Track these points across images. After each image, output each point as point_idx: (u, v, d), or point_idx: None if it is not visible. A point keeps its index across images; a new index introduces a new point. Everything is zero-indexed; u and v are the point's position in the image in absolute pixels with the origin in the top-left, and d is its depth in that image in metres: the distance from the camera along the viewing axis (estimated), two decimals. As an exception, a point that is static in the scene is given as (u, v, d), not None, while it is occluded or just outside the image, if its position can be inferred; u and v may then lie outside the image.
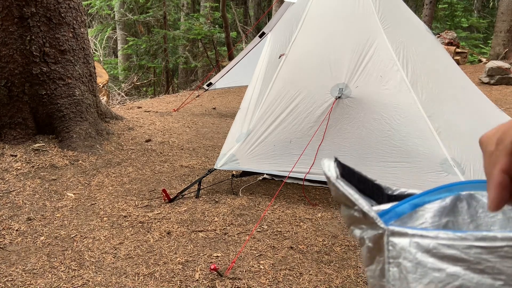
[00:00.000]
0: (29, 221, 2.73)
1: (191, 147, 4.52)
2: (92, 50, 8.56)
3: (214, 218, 2.83)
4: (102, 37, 13.65)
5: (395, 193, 0.50)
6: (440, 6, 15.91)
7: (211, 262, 2.29)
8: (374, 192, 0.49)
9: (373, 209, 0.43)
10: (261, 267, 2.26)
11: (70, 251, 2.40)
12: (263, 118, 3.25)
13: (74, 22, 4.19)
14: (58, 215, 2.84)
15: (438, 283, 0.38)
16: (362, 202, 0.43)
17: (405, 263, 0.41)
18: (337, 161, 0.46)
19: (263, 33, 5.38)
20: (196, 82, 12.79)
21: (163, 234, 2.60)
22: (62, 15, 4.04)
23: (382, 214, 0.45)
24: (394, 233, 0.42)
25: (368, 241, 0.44)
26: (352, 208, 0.44)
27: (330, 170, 0.45)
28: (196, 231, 2.65)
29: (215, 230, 2.67)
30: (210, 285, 2.09)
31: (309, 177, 3.13)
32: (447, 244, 0.38)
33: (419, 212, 0.49)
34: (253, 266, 2.26)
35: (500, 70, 8.42)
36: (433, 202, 0.49)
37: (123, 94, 10.25)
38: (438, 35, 11.36)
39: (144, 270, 2.22)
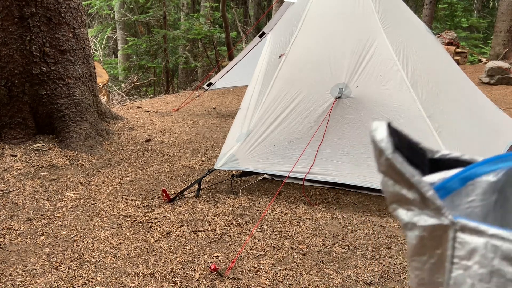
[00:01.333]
0: (29, 221, 2.73)
1: (191, 147, 4.52)
2: (92, 50, 8.56)
3: (214, 218, 2.83)
4: (102, 37, 13.65)
5: (436, 156, 0.42)
6: (440, 6, 15.91)
7: (211, 262, 2.29)
8: (419, 159, 0.42)
9: (437, 196, 0.36)
10: (261, 267, 2.26)
11: (70, 251, 2.40)
12: (263, 118, 3.25)
13: (74, 22, 4.19)
14: (58, 215, 2.84)
15: None
16: (426, 185, 0.36)
17: (476, 268, 0.34)
18: (390, 127, 0.38)
19: (263, 33, 5.38)
20: (196, 82, 12.79)
21: (163, 234, 2.60)
22: (62, 15, 4.04)
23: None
24: (464, 229, 0.35)
25: (423, 230, 0.38)
26: (407, 187, 0.37)
27: (383, 140, 0.38)
28: (196, 231, 2.65)
29: (215, 230, 2.67)
30: (210, 285, 2.09)
31: (309, 177, 3.13)
32: None
33: (469, 187, 0.42)
34: (253, 266, 2.26)
35: (500, 70, 8.42)
36: (485, 175, 0.42)
37: (123, 94, 10.25)
38: (438, 35, 11.36)
39: (144, 270, 2.22)
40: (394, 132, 0.39)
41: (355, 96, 3.13)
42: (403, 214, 0.39)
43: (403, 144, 0.39)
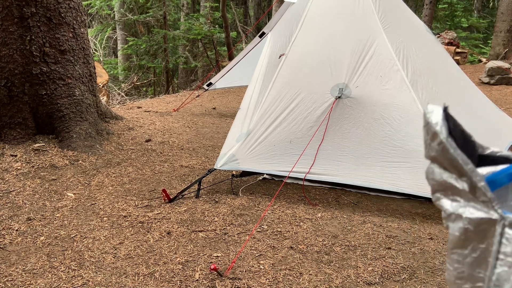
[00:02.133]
0: (29, 221, 2.73)
1: (191, 147, 4.52)
2: (92, 50, 8.56)
3: (214, 218, 2.83)
4: (102, 37, 13.65)
5: (486, 152, 0.41)
6: (440, 6, 15.91)
7: (211, 262, 2.29)
8: (470, 150, 0.41)
9: (489, 188, 0.35)
10: (261, 267, 2.26)
11: (70, 251, 2.40)
12: (263, 118, 3.25)
13: (74, 22, 4.19)
14: (58, 215, 2.84)
15: None
16: (478, 175, 0.35)
17: None
18: (446, 112, 0.37)
19: (263, 33, 5.38)
20: (196, 82, 12.79)
21: (163, 234, 2.60)
22: (62, 15, 4.04)
23: None
24: None
25: (468, 223, 0.36)
26: (457, 175, 0.36)
27: (438, 123, 0.37)
28: (196, 231, 2.65)
29: (215, 230, 2.67)
30: (210, 285, 2.09)
31: (309, 177, 3.13)
32: None
33: None
34: (253, 266, 2.26)
35: (500, 70, 8.42)
36: None
37: (123, 94, 10.25)
38: (438, 35, 11.36)
39: (144, 270, 2.22)
40: (449, 118, 0.37)
41: (355, 96, 3.13)
42: (448, 204, 0.37)
43: (457, 132, 0.38)
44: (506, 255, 0.34)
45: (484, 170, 0.40)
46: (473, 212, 0.36)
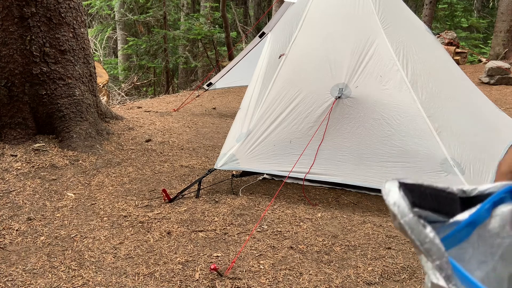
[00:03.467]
0: (29, 221, 2.73)
1: (191, 147, 4.53)
2: (92, 50, 8.57)
3: (214, 218, 2.83)
4: (102, 37, 13.65)
5: (472, 194, 0.41)
6: (440, 6, 15.91)
7: (211, 262, 2.29)
8: (447, 204, 0.40)
9: (446, 265, 0.36)
10: (261, 267, 2.26)
11: (70, 251, 2.40)
12: (263, 118, 3.25)
13: (74, 22, 4.19)
14: (58, 215, 2.84)
15: None
16: (435, 253, 0.36)
17: None
18: (402, 185, 0.37)
19: (263, 33, 5.38)
20: (196, 82, 12.80)
21: (163, 234, 2.60)
22: (62, 15, 4.04)
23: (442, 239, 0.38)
24: None
25: (431, 286, 0.38)
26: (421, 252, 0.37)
27: (395, 203, 0.36)
28: (196, 231, 2.65)
29: (215, 230, 2.67)
30: (210, 285, 2.09)
31: (309, 177, 3.13)
32: None
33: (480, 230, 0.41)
34: (253, 266, 2.26)
35: (500, 70, 8.42)
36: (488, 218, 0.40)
37: (123, 94, 10.25)
38: (438, 35, 11.36)
39: (144, 270, 2.22)
40: (411, 188, 0.37)
41: (355, 96, 3.13)
42: (423, 261, 0.38)
43: (424, 196, 0.38)
44: None
45: (467, 213, 0.40)
46: (435, 277, 0.37)
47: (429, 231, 0.36)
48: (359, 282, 2.15)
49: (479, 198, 0.41)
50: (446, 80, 3.56)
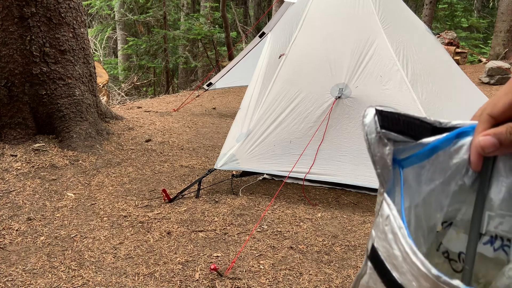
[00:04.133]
0: (29, 221, 2.73)
1: (191, 147, 4.52)
2: (92, 50, 8.57)
3: (214, 218, 2.83)
4: (102, 37, 13.65)
5: (448, 125, 0.45)
6: (440, 6, 15.92)
7: (211, 262, 2.29)
8: (417, 130, 0.44)
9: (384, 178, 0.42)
10: (261, 267, 2.26)
11: (70, 251, 2.40)
12: (263, 118, 3.25)
13: (74, 22, 4.19)
14: (58, 215, 2.84)
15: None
16: (379, 168, 0.42)
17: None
18: (377, 111, 0.42)
19: (263, 33, 5.38)
20: (196, 82, 12.79)
21: (163, 234, 2.60)
22: (62, 15, 4.04)
23: (400, 161, 0.43)
24: None
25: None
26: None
27: (367, 124, 0.41)
28: (196, 231, 2.65)
29: (215, 230, 2.67)
30: (210, 285, 2.09)
31: (309, 177, 3.13)
32: None
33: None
34: (253, 266, 2.26)
35: (500, 70, 8.43)
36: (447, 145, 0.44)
37: (123, 94, 10.25)
38: (438, 35, 11.36)
39: (144, 270, 2.22)
40: (386, 114, 0.42)
41: (355, 96, 3.13)
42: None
43: (397, 121, 0.43)
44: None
45: (433, 138, 0.43)
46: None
47: (386, 148, 0.42)
48: (359, 282, 2.15)
49: (450, 129, 0.44)
50: (446, 80, 3.56)
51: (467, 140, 0.43)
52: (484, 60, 11.23)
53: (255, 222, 2.78)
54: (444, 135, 0.43)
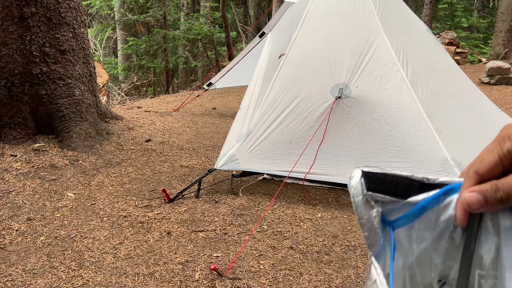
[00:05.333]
0: (29, 221, 2.73)
1: (191, 147, 4.52)
2: (92, 50, 8.56)
3: (214, 218, 2.83)
4: (102, 37, 13.65)
5: (436, 182, 0.45)
6: (440, 6, 15.92)
7: (211, 262, 2.28)
8: (404, 189, 0.45)
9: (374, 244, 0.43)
10: (261, 267, 2.26)
11: (70, 251, 2.40)
12: (263, 118, 3.25)
13: (74, 22, 4.19)
14: (58, 215, 2.84)
15: None
16: (367, 230, 0.43)
17: None
18: (364, 173, 0.43)
19: (263, 33, 5.37)
20: (196, 82, 12.79)
21: (163, 234, 2.60)
22: (62, 15, 4.04)
23: (390, 222, 0.44)
24: None
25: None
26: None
27: (353, 187, 0.42)
28: (196, 231, 2.65)
29: (215, 230, 2.67)
30: (210, 285, 2.09)
31: (309, 177, 3.13)
32: None
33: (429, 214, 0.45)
34: (253, 266, 2.26)
35: (500, 70, 8.42)
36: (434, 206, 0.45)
37: (123, 94, 10.25)
38: (438, 35, 11.36)
39: (144, 270, 2.22)
40: (372, 176, 0.43)
41: (355, 96, 3.13)
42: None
43: (383, 182, 0.44)
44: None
45: (420, 197, 0.44)
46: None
47: (373, 210, 0.42)
48: (359, 282, 2.15)
49: (438, 186, 0.44)
50: (446, 80, 3.56)
51: (454, 197, 0.43)
52: (484, 60, 11.23)
53: (255, 222, 2.78)
54: (432, 193, 0.43)
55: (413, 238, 0.45)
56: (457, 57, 10.78)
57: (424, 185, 0.44)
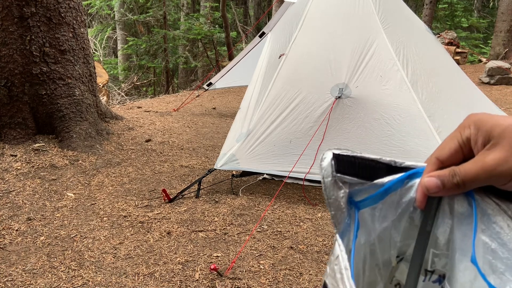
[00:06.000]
0: (29, 221, 2.73)
1: (191, 147, 4.52)
2: (92, 50, 8.57)
3: (214, 218, 2.83)
4: (102, 37, 13.65)
5: (402, 165, 0.47)
6: (440, 6, 15.92)
7: (211, 262, 2.28)
8: (372, 171, 0.47)
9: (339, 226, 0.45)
10: (261, 267, 2.26)
11: (70, 251, 2.40)
12: (263, 118, 3.25)
13: (74, 22, 4.19)
14: (58, 215, 2.84)
15: None
16: (333, 209, 0.45)
17: None
18: (334, 155, 0.45)
19: (263, 33, 5.37)
20: (196, 82, 12.79)
21: (163, 234, 2.60)
22: (62, 15, 4.04)
23: (356, 203, 0.46)
24: None
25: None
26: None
27: (323, 168, 0.45)
28: (196, 231, 2.65)
29: (215, 230, 2.67)
30: (210, 285, 2.09)
31: (309, 177, 3.13)
32: None
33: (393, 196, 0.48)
34: (253, 266, 2.26)
35: (500, 70, 8.42)
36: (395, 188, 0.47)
37: (123, 94, 10.25)
38: (438, 35, 11.36)
39: (144, 270, 2.22)
40: (342, 158, 0.45)
41: (355, 96, 3.13)
42: None
43: (352, 164, 0.46)
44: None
45: (386, 179, 0.46)
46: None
47: (341, 191, 0.45)
48: (359, 282, 2.15)
49: (404, 169, 0.47)
50: (446, 80, 3.56)
51: (417, 180, 0.45)
52: (484, 60, 11.23)
53: (255, 222, 2.78)
54: (397, 176, 0.46)
55: (376, 218, 0.48)
56: (457, 57, 10.78)
57: (390, 168, 0.46)
